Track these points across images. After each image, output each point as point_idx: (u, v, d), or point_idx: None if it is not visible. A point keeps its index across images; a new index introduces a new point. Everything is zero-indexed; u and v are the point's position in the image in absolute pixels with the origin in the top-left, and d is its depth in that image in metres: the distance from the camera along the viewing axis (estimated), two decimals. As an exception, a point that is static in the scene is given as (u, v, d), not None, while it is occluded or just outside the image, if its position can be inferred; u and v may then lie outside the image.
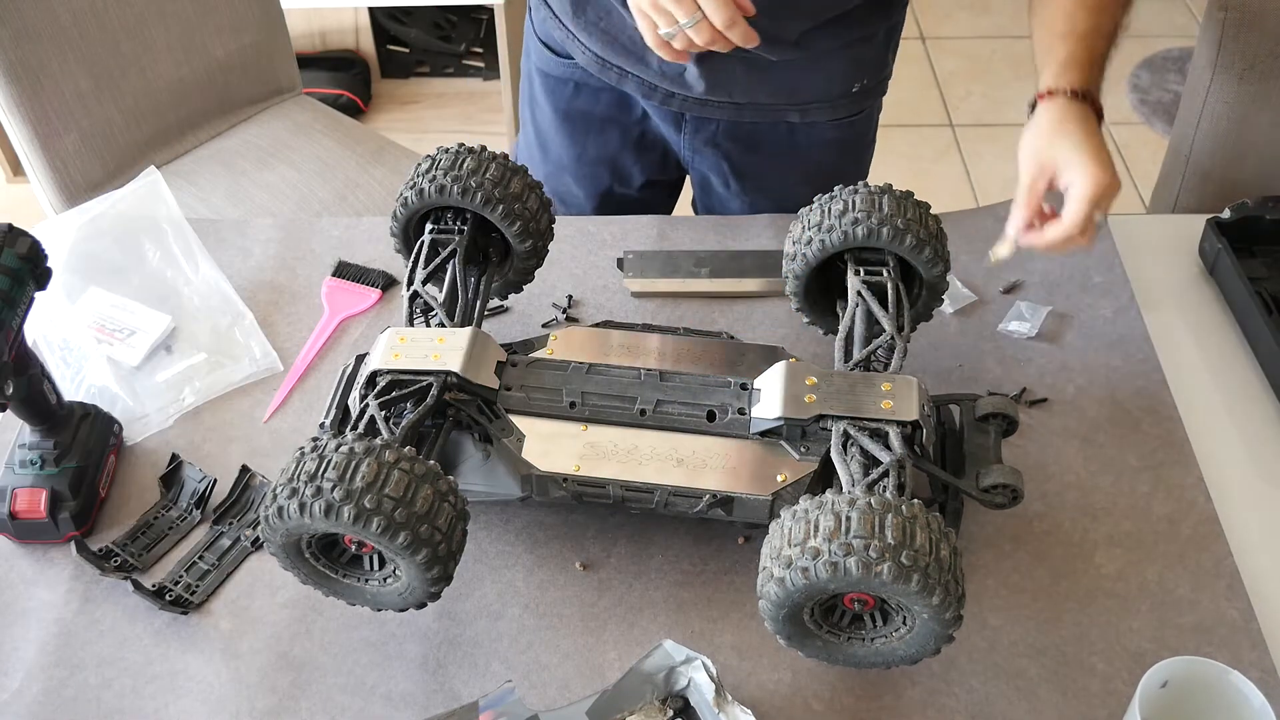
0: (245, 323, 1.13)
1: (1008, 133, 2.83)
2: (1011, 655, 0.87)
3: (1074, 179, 0.93)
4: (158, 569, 0.95)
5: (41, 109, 1.53)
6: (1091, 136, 0.95)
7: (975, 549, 0.93)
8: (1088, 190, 0.92)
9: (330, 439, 0.78)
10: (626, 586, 0.92)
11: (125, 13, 1.58)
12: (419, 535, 0.76)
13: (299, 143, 1.76)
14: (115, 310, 1.12)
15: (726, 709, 0.80)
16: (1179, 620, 0.88)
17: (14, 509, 0.93)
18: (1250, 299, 1.08)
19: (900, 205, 0.93)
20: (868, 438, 0.83)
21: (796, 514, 0.75)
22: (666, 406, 0.89)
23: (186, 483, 0.99)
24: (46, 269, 0.91)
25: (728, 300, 1.14)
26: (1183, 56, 2.97)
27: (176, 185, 1.50)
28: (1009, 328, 1.09)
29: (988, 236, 1.19)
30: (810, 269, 0.96)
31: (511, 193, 0.97)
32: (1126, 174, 2.69)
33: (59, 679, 0.88)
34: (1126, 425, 1.02)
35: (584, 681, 0.86)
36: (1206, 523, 0.94)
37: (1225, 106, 1.34)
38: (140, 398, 1.06)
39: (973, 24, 3.15)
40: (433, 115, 2.86)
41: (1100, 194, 0.93)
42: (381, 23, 2.86)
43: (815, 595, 0.75)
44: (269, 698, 0.86)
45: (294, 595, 0.92)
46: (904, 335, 0.92)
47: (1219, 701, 0.76)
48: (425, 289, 0.96)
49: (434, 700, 0.86)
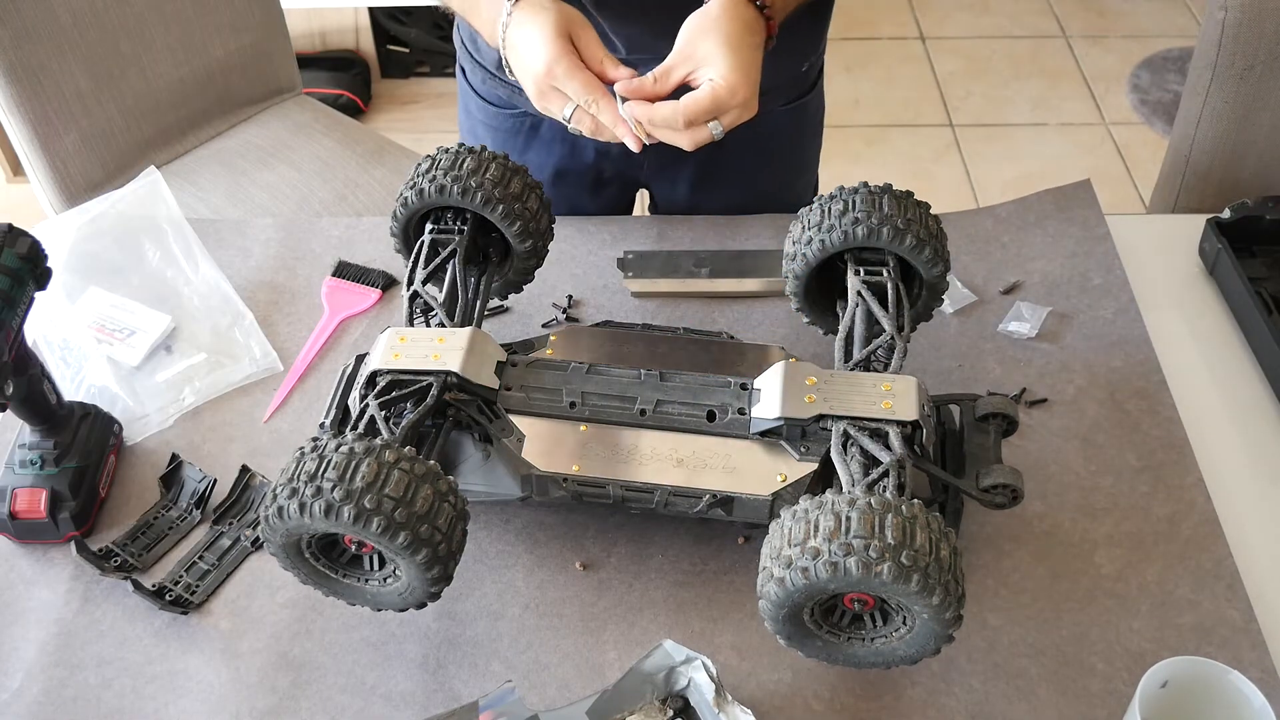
0: (245, 323, 1.13)
1: (1008, 133, 2.83)
2: (1011, 655, 0.87)
3: (705, 76, 0.90)
4: (158, 569, 0.95)
5: (41, 109, 1.53)
6: (747, 46, 0.90)
7: (975, 549, 0.93)
8: (706, 95, 0.88)
9: (330, 439, 0.78)
10: (626, 586, 0.92)
11: (125, 13, 1.58)
12: (419, 535, 0.76)
13: (299, 143, 1.76)
14: (115, 310, 1.13)
15: (726, 709, 0.80)
16: (1179, 620, 0.88)
17: (14, 509, 0.94)
18: (1250, 299, 1.08)
19: (900, 205, 0.93)
20: (868, 438, 0.83)
21: (796, 514, 0.75)
22: (666, 406, 0.89)
23: (186, 483, 0.99)
24: (46, 269, 0.91)
25: (728, 300, 1.14)
26: (1183, 56, 2.97)
27: (176, 185, 1.50)
28: (1009, 328, 1.09)
29: (988, 237, 1.19)
30: (810, 269, 0.96)
31: (511, 193, 0.97)
32: (1126, 174, 2.70)
33: (59, 679, 0.88)
34: (1126, 425, 1.02)
35: (584, 681, 0.86)
36: (1206, 523, 0.94)
37: (1225, 106, 1.34)
38: (140, 398, 1.06)
39: (973, 24, 3.15)
40: (433, 115, 2.86)
41: (718, 104, 0.89)
42: (381, 23, 2.86)
43: (815, 595, 0.75)
44: (269, 698, 0.86)
45: (294, 595, 0.92)
46: (904, 335, 0.92)
47: (1219, 701, 0.76)
48: (425, 289, 0.96)
49: (434, 700, 0.86)
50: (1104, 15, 3.18)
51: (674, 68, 0.92)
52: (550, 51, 0.89)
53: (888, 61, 3.01)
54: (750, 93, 0.90)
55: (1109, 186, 2.65)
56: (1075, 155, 2.75)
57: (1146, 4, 3.22)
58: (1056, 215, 1.20)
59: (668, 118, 0.90)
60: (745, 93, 0.89)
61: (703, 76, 0.91)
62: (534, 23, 0.87)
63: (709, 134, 0.91)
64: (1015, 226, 1.20)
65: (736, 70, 0.89)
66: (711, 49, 0.90)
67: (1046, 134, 2.82)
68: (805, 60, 1.21)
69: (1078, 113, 2.88)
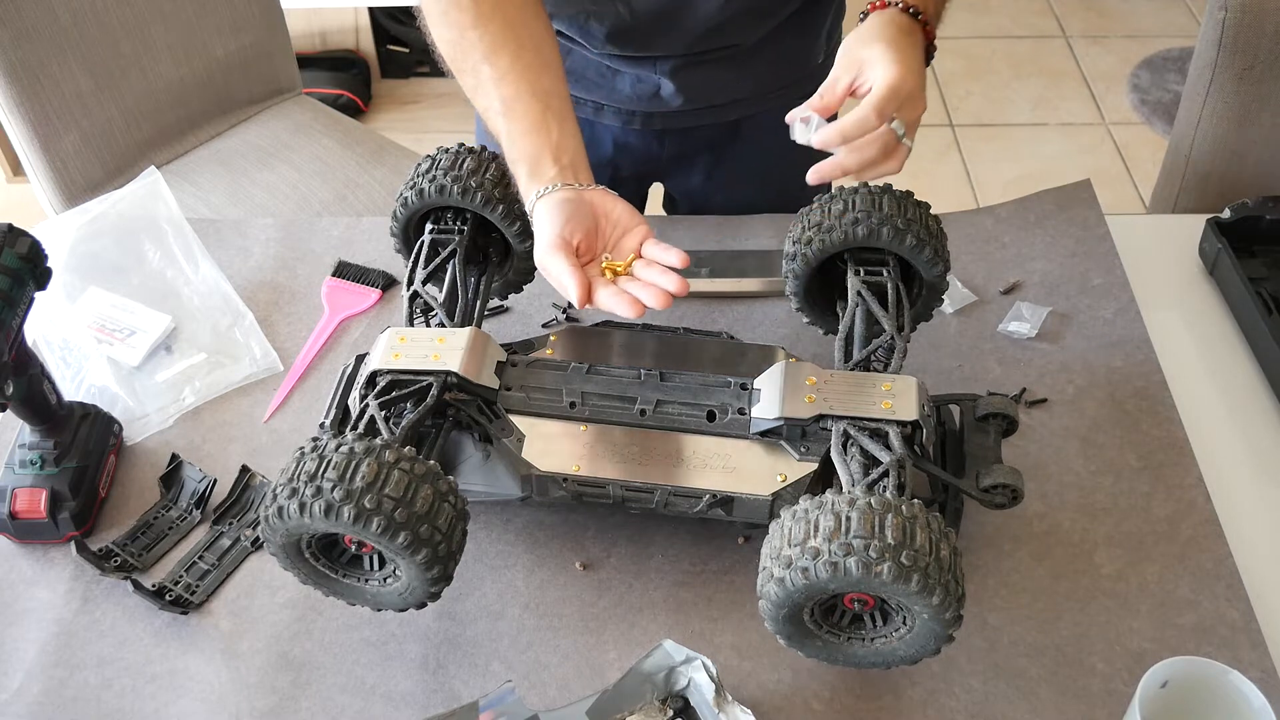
0: (245, 323, 1.13)
1: (1008, 133, 2.83)
2: (1011, 655, 0.87)
3: (874, 76, 0.89)
4: (158, 569, 0.95)
5: (41, 109, 1.53)
6: (906, 46, 0.90)
7: (975, 549, 0.93)
8: (882, 87, 0.88)
9: (330, 439, 0.78)
10: (626, 586, 0.92)
11: (125, 13, 1.58)
12: (419, 535, 0.76)
13: (299, 143, 1.76)
14: (115, 310, 1.12)
15: (726, 709, 0.80)
16: (1179, 620, 0.88)
17: (14, 509, 0.94)
18: (1250, 299, 1.08)
19: (900, 205, 0.93)
20: (868, 438, 0.83)
21: (796, 514, 0.75)
22: (666, 406, 0.89)
23: (186, 483, 0.99)
24: (46, 269, 0.91)
25: (728, 300, 1.14)
26: (1183, 56, 2.97)
27: (176, 185, 1.50)
28: (1009, 328, 1.09)
29: (988, 237, 1.19)
30: (810, 269, 0.96)
31: (512, 193, 0.97)
32: (1126, 174, 2.70)
33: (59, 679, 0.88)
34: (1126, 425, 1.02)
35: (584, 681, 0.86)
36: (1206, 523, 0.94)
37: (1225, 106, 1.34)
38: (140, 398, 1.06)
39: (973, 24, 3.15)
40: (433, 115, 2.86)
41: (893, 92, 0.88)
42: (381, 23, 2.86)
43: (815, 595, 0.75)
44: (269, 698, 0.86)
45: (294, 595, 0.92)
46: (904, 335, 0.92)
47: (1219, 701, 0.76)
48: (425, 289, 0.96)
49: (434, 700, 0.86)
50: (1104, 15, 3.18)
51: (838, 79, 0.91)
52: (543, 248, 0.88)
53: (888, 61, 3.01)
54: (917, 84, 0.89)
55: (1109, 186, 2.65)
56: (1075, 155, 2.75)
57: (1146, 4, 3.22)
58: (1056, 215, 1.20)
59: (859, 120, 0.88)
60: (910, 80, 0.89)
61: (869, 80, 0.90)
62: (546, 220, 0.88)
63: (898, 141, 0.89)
64: (1015, 226, 1.20)
65: (899, 63, 0.89)
66: (872, 53, 0.90)
67: (1046, 134, 2.82)
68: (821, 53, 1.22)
69: (1078, 113, 2.88)
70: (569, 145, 0.91)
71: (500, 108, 0.92)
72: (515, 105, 0.92)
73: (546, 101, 0.91)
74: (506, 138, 0.92)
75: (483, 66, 0.92)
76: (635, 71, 1.16)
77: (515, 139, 0.91)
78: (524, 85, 0.92)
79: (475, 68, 0.93)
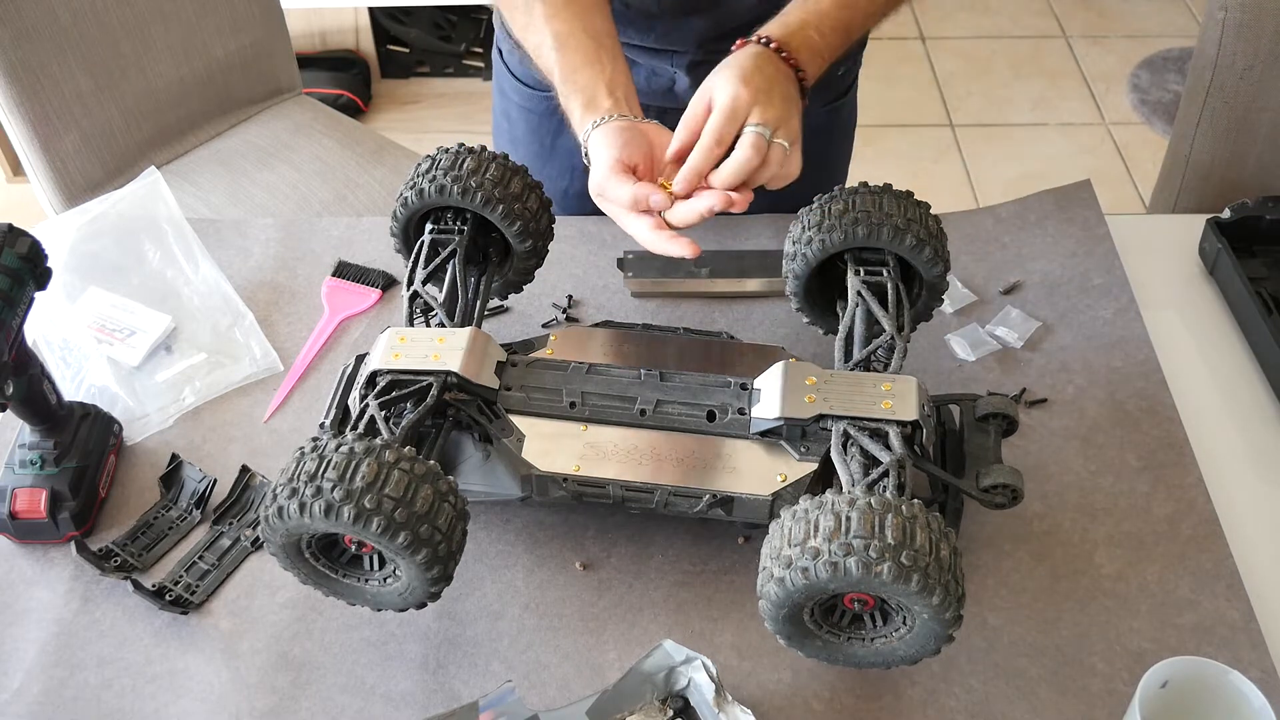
0: (245, 323, 1.13)
1: (1008, 133, 2.83)
2: (1011, 655, 0.87)
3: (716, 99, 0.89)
4: (158, 569, 0.95)
5: (41, 109, 1.53)
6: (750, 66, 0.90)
7: (975, 549, 0.93)
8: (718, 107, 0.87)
9: (330, 439, 0.78)
10: (626, 586, 0.92)
11: (125, 13, 1.58)
12: (419, 535, 0.76)
13: (299, 143, 1.76)
14: (115, 310, 1.12)
15: (726, 709, 0.80)
16: (1179, 620, 0.88)
17: (14, 509, 0.94)
18: (1250, 299, 1.08)
19: (900, 205, 0.93)
20: (868, 438, 0.83)
21: (796, 514, 0.75)
22: (666, 406, 0.89)
23: (186, 483, 0.99)
24: (46, 269, 0.91)
25: (728, 300, 1.14)
26: (1183, 56, 2.97)
27: (176, 185, 1.50)
28: (996, 331, 1.09)
29: (988, 237, 1.19)
30: (810, 269, 0.96)
31: (511, 193, 0.97)
32: (1126, 174, 2.70)
33: (59, 679, 0.88)
34: (1126, 425, 1.02)
35: (584, 681, 0.86)
36: (1206, 523, 0.94)
37: (1225, 106, 1.34)
38: (140, 398, 1.06)
39: (973, 24, 3.15)
40: (433, 115, 2.86)
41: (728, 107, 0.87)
42: (381, 23, 2.86)
43: (815, 595, 0.75)
44: (269, 698, 0.86)
45: (294, 595, 0.92)
46: (904, 335, 0.92)
47: (1219, 701, 0.76)
48: (425, 289, 0.96)
49: (434, 700, 0.86)
50: (1104, 15, 3.18)
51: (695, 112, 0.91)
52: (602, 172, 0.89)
53: (888, 61, 3.01)
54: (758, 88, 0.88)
55: (1109, 186, 2.65)
56: (1075, 155, 2.75)
57: (1146, 4, 3.22)
58: (1056, 215, 1.20)
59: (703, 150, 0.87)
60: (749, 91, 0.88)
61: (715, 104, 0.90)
62: (604, 145, 0.89)
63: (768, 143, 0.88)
64: (1015, 226, 1.20)
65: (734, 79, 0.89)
66: (716, 80, 0.90)
67: (1046, 134, 2.82)
68: (841, 64, 1.21)
69: (1078, 113, 2.88)
70: (621, 80, 0.92)
71: (553, 43, 0.93)
72: (569, 41, 0.92)
73: (599, 40, 0.93)
74: (560, 71, 0.93)
75: (535, 4, 0.93)
76: (651, 64, 1.16)
77: (569, 73, 0.92)
78: (577, 23, 0.93)
79: (528, 4, 0.94)
